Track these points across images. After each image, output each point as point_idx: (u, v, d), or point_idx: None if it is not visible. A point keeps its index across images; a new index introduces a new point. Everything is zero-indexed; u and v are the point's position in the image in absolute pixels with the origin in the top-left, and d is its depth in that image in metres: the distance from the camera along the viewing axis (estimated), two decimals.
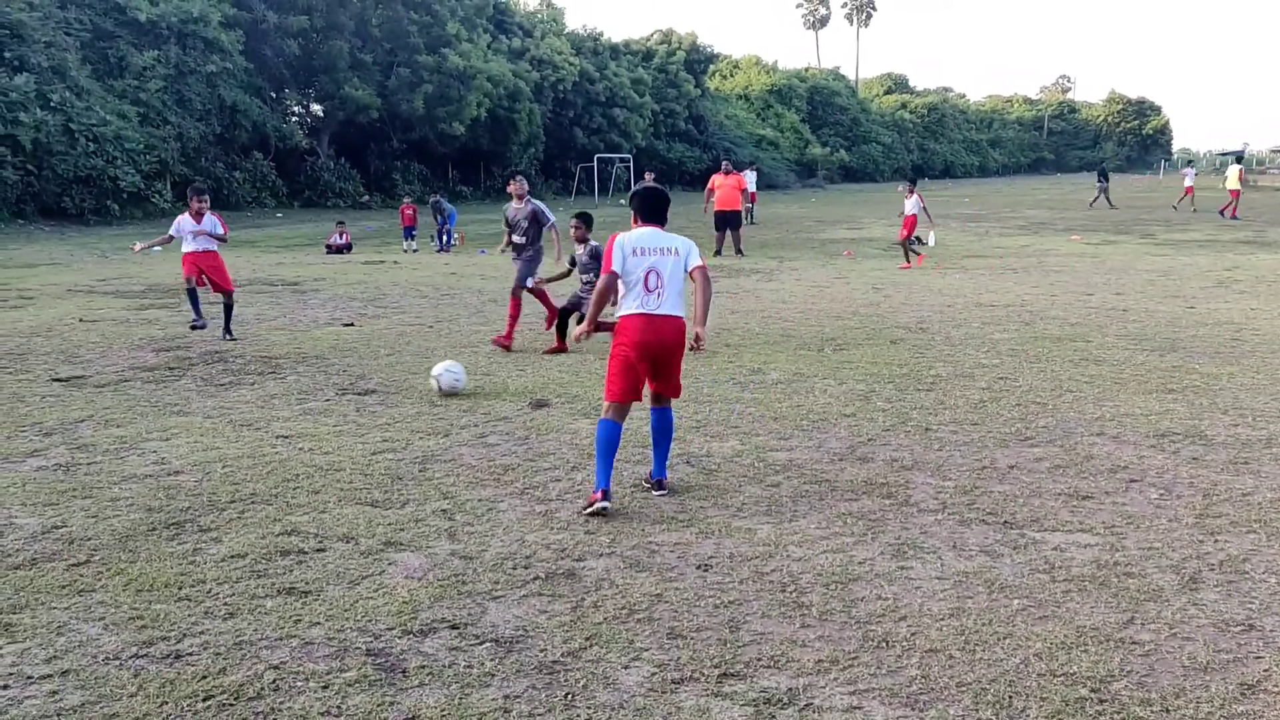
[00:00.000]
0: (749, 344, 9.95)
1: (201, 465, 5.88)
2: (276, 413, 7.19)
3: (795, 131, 75.69)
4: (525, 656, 3.60)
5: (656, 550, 4.59)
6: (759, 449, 6.21)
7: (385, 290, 14.65)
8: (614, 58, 58.82)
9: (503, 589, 4.19)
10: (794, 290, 14.52)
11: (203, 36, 35.22)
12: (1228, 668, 3.44)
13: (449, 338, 10.41)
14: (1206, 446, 6.16)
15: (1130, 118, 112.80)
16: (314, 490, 5.44)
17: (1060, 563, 4.37)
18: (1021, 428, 6.65)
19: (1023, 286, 14.66)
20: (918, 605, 3.97)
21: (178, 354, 9.45)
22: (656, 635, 3.75)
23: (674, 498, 5.32)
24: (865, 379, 8.21)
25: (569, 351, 9.46)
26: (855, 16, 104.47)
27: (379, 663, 3.56)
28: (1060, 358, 9.03)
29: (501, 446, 6.32)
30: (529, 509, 5.17)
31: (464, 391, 7.69)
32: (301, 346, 9.85)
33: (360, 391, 7.88)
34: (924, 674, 3.43)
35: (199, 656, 3.60)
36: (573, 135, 54.54)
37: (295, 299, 13.63)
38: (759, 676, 3.44)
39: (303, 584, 4.24)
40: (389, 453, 6.17)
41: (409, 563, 4.46)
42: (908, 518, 4.97)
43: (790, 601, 4.02)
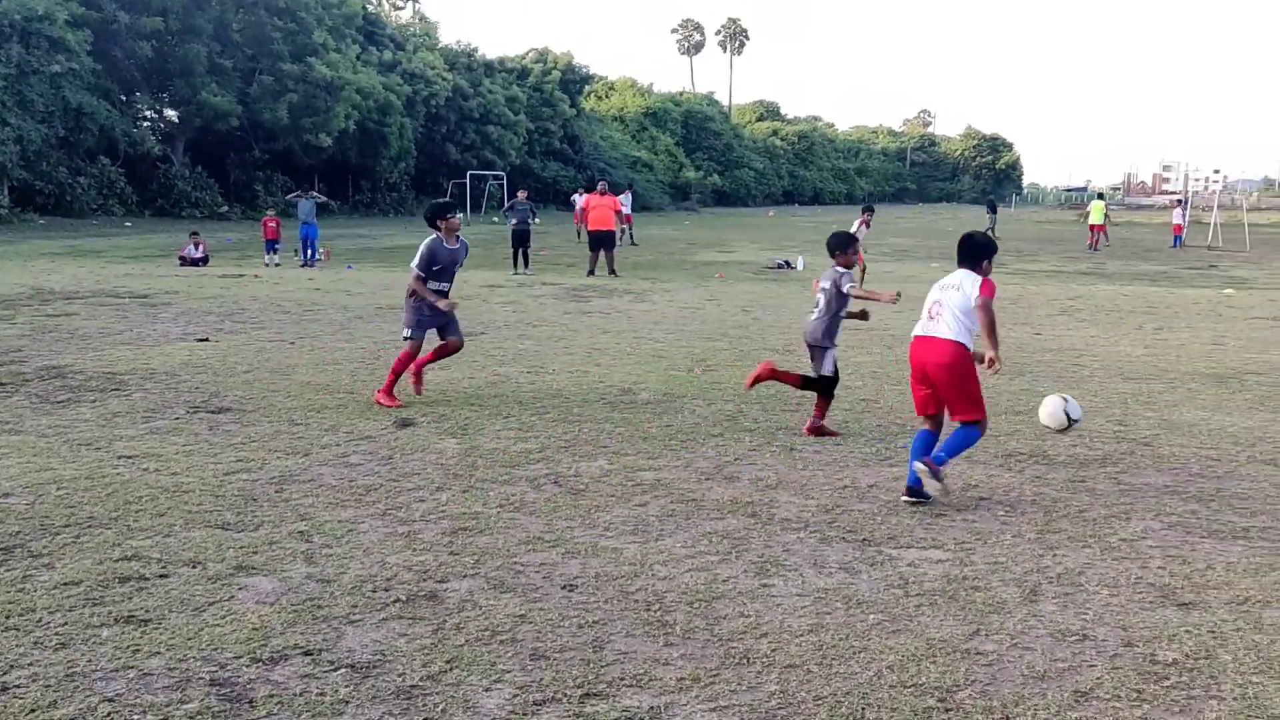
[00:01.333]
0: (620, 364, 9.98)
1: (34, 487, 5.52)
2: (120, 432, 6.83)
3: (670, 154, 76.84)
4: (382, 682, 3.50)
5: (521, 571, 4.54)
6: (627, 468, 6.22)
7: (244, 305, 14.13)
8: (488, 74, 58.57)
9: (361, 613, 4.06)
10: (666, 311, 14.66)
11: (47, 35, 33.49)
12: (1063, 676, 3.61)
13: (311, 355, 10.10)
14: (1048, 466, 6.48)
15: (985, 153, 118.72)
16: (158, 513, 5.18)
17: (914, 578, 4.51)
18: (882, 448, 6.85)
19: (887, 310, 15.15)
20: (779, 622, 4.03)
21: (10, 369, 8.89)
22: (519, 657, 3.70)
23: (540, 518, 5.27)
24: (733, 400, 8.33)
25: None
26: (729, 44, 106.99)
27: (223, 693, 3.40)
28: None
29: (364, 466, 6.16)
30: (391, 530, 5.04)
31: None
32: (150, 363, 9.40)
33: (214, 410, 7.56)
34: (782, 689, 3.48)
35: (27, 689, 3.36)
36: (445, 151, 53.98)
37: (144, 312, 13.01)
38: (621, 696, 3.42)
39: (143, 612, 4.01)
40: (243, 473, 5.93)
41: (260, 587, 4.28)
42: (771, 536, 5.05)
43: (654, 620, 4.03)
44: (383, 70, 48.74)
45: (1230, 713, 3.37)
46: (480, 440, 6.84)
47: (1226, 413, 8.14)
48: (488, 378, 9.10)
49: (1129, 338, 12.63)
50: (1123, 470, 6.38)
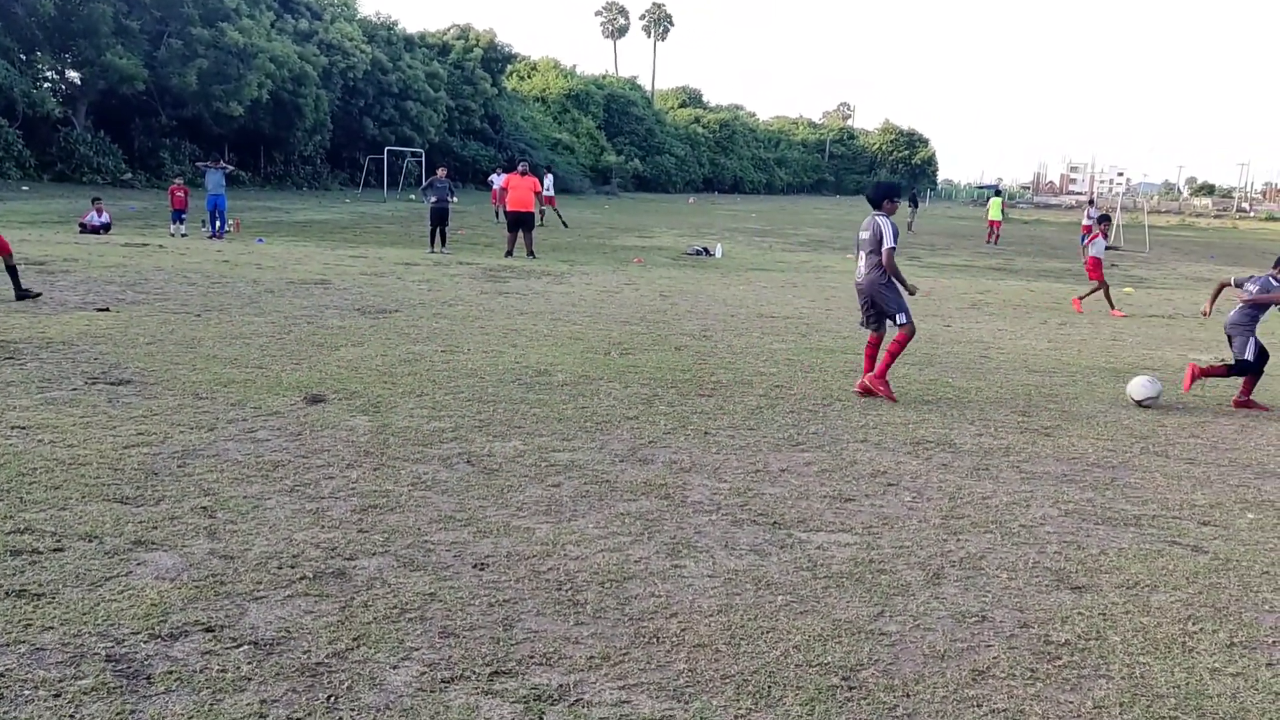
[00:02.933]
0: (536, 345, 9.93)
1: None
2: (13, 401, 6.56)
3: (591, 138, 76.49)
4: (287, 659, 3.43)
5: (432, 549, 4.50)
6: (542, 449, 6.20)
7: (148, 275, 13.67)
8: (408, 49, 57.50)
9: (266, 589, 3.98)
10: (584, 294, 14.63)
11: None
12: (962, 655, 3.72)
13: (217, 327, 9.83)
14: (955, 454, 6.65)
15: (902, 147, 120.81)
16: (53, 486, 4.99)
17: (822, 560, 4.60)
18: (794, 434, 6.96)
19: (801, 300, 15.38)
20: (689, 602, 4.07)
21: None
22: (428, 634, 3.66)
23: (452, 497, 5.23)
24: (649, 383, 8.36)
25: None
26: (653, 29, 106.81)
27: (120, 669, 3.30)
28: (832, 368, 9.52)
29: (271, 442, 6.02)
30: (299, 507, 4.94)
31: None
32: (46, 331, 9.04)
33: (113, 381, 7.31)
34: (691, 668, 3.51)
35: None
36: (363, 125, 52.89)
37: (41, 280, 12.50)
38: (530, 674, 3.42)
39: (35, 586, 3.87)
40: (144, 447, 5.75)
41: (160, 563, 4.16)
42: (684, 518, 5.09)
43: (565, 600, 4.03)
44: (298, 40, 47.45)
45: (1118, 691, 3.52)
46: (392, 418, 6.74)
47: (1123, 406, 8.46)
48: (401, 355, 8.97)
49: (1034, 332, 13.03)
50: (1025, 459, 6.58)
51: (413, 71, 55.29)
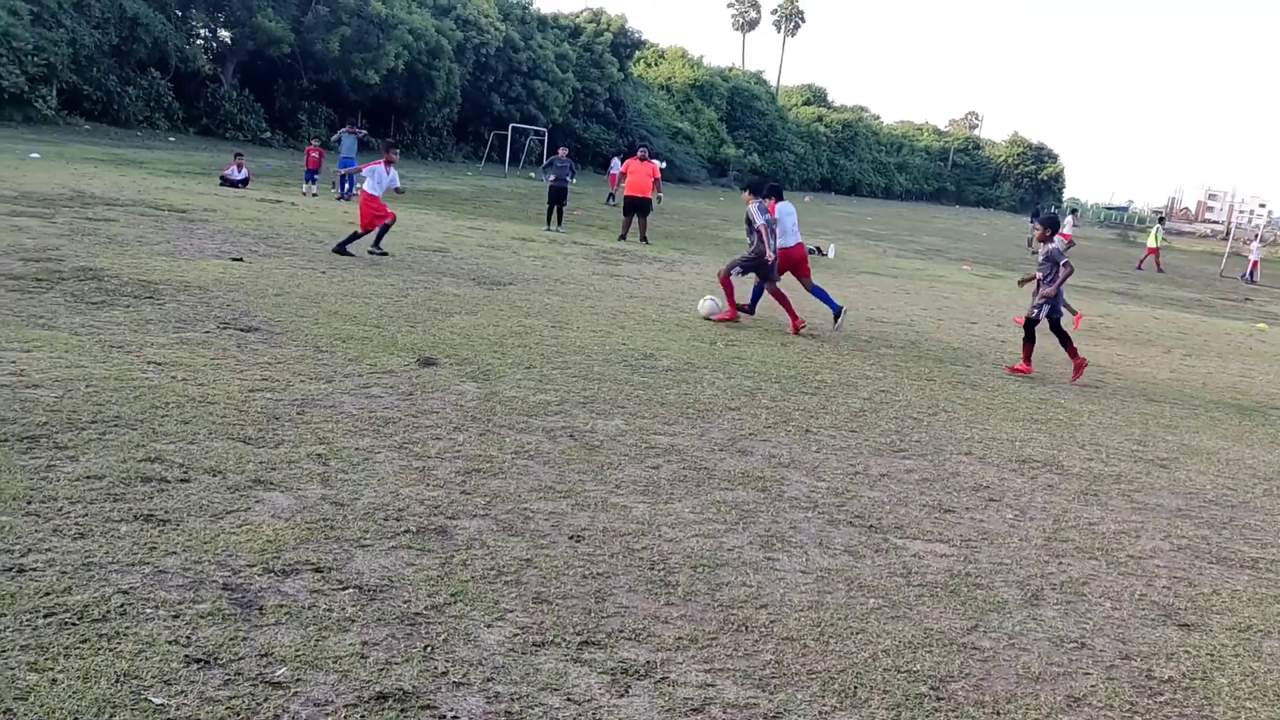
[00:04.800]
0: (643, 329, 10.01)
1: (63, 382, 5.61)
2: (151, 338, 6.92)
3: (712, 129, 76.30)
4: (388, 606, 3.57)
5: (531, 517, 4.60)
6: (643, 431, 6.27)
7: (279, 230, 14.21)
8: (541, 29, 58.24)
9: (371, 538, 4.13)
10: (694, 283, 14.65)
11: None
12: (1057, 680, 3.64)
13: (340, 285, 10.17)
14: (1062, 476, 6.48)
15: (1029, 161, 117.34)
16: (184, 420, 5.26)
17: (917, 569, 4.54)
18: (896, 440, 6.87)
19: (913, 307, 15.11)
20: (779, 595, 4.07)
21: (47, 265, 8.99)
22: (522, 598, 3.76)
23: (553, 468, 5.33)
24: (753, 376, 8.35)
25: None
26: (784, 24, 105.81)
27: (235, 598, 3.48)
28: (940, 378, 9.35)
29: (384, 399, 6.22)
30: (406, 463, 5.11)
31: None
32: (184, 275, 9.49)
33: (243, 328, 7.64)
34: (778, 659, 3.53)
35: (43, 573, 3.45)
36: (490, 101, 53.81)
37: (182, 227, 13.11)
38: (619, 647, 3.48)
39: (162, 512, 4.10)
40: (267, 392, 6.01)
41: (276, 502, 4.36)
42: (779, 512, 5.09)
43: (657, 579, 4.08)
44: (437, 14, 48.54)
45: None
46: (500, 387, 6.89)
47: (1247, 444, 8.11)
48: (512, 327, 9.14)
49: (1155, 360, 12.55)
50: (1137, 489, 6.37)
51: (543, 51, 56.00)
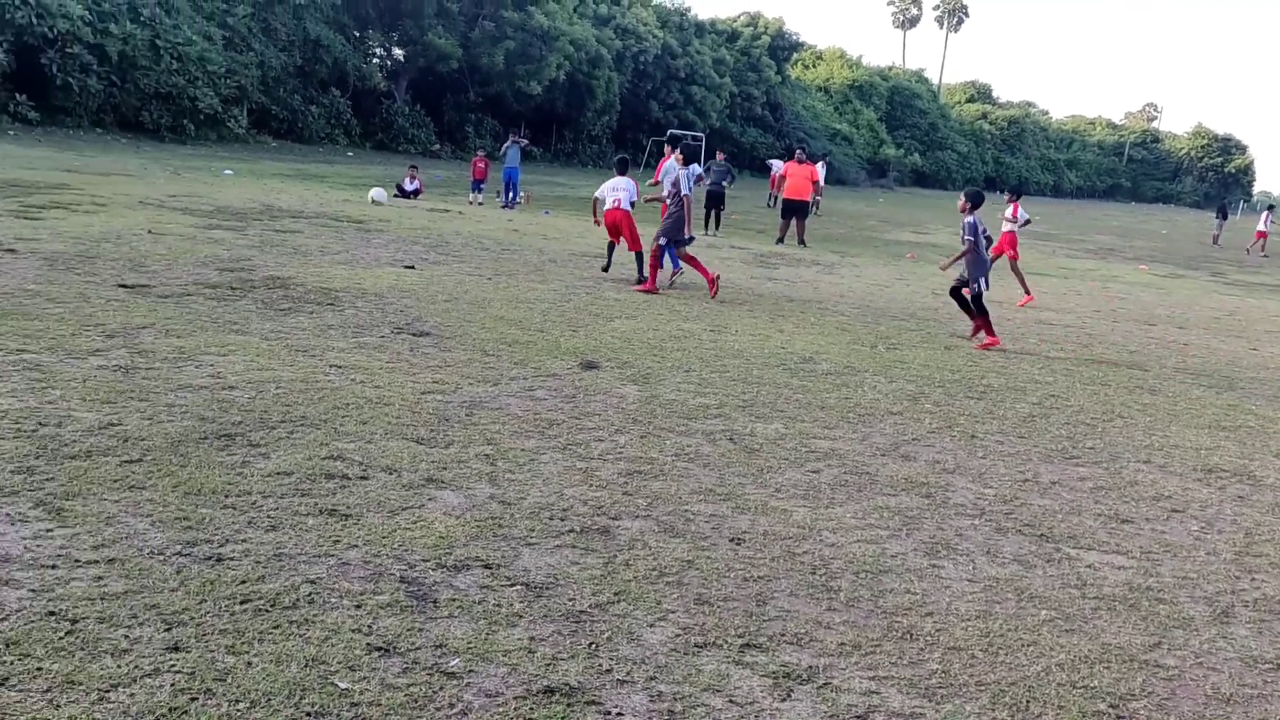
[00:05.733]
0: (802, 332, 9.92)
1: (256, 384, 6.01)
2: (332, 343, 7.32)
3: (871, 130, 74.88)
4: (554, 603, 3.67)
5: (692, 519, 4.63)
6: (803, 435, 6.22)
7: (448, 239, 14.77)
8: (698, 35, 58.50)
9: (537, 537, 4.26)
10: (853, 286, 14.43)
11: None
12: (1251, 703, 3.42)
13: (506, 291, 10.50)
14: (1254, 487, 6.06)
15: (1214, 154, 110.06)
16: (362, 420, 5.54)
17: (1092, 580, 4.34)
18: (1068, 446, 6.58)
19: (1085, 309, 14.43)
20: (946, 604, 3.97)
21: (240, 275, 9.63)
22: (684, 599, 3.79)
23: (713, 471, 5.35)
24: (916, 380, 8.16)
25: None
26: (946, 20, 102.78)
27: (411, 590, 3.65)
28: (1115, 383, 8.90)
29: (548, 401, 6.39)
30: (570, 464, 5.23)
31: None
32: (362, 283, 10.00)
33: (415, 333, 7.99)
34: (945, 669, 3.44)
35: (240, 562, 3.70)
36: (648, 108, 54.40)
37: (359, 237, 13.81)
38: (781, 651, 3.47)
39: (344, 507, 4.33)
40: (438, 394, 6.27)
41: (448, 500, 4.54)
42: (944, 519, 4.96)
43: (819, 584, 4.05)
44: (597, 23, 49.46)
45: None
46: (660, 390, 6.97)
47: None
48: (671, 331, 9.22)
49: None
50: None
51: (700, 57, 56.26)
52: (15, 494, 4.05)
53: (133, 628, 3.16)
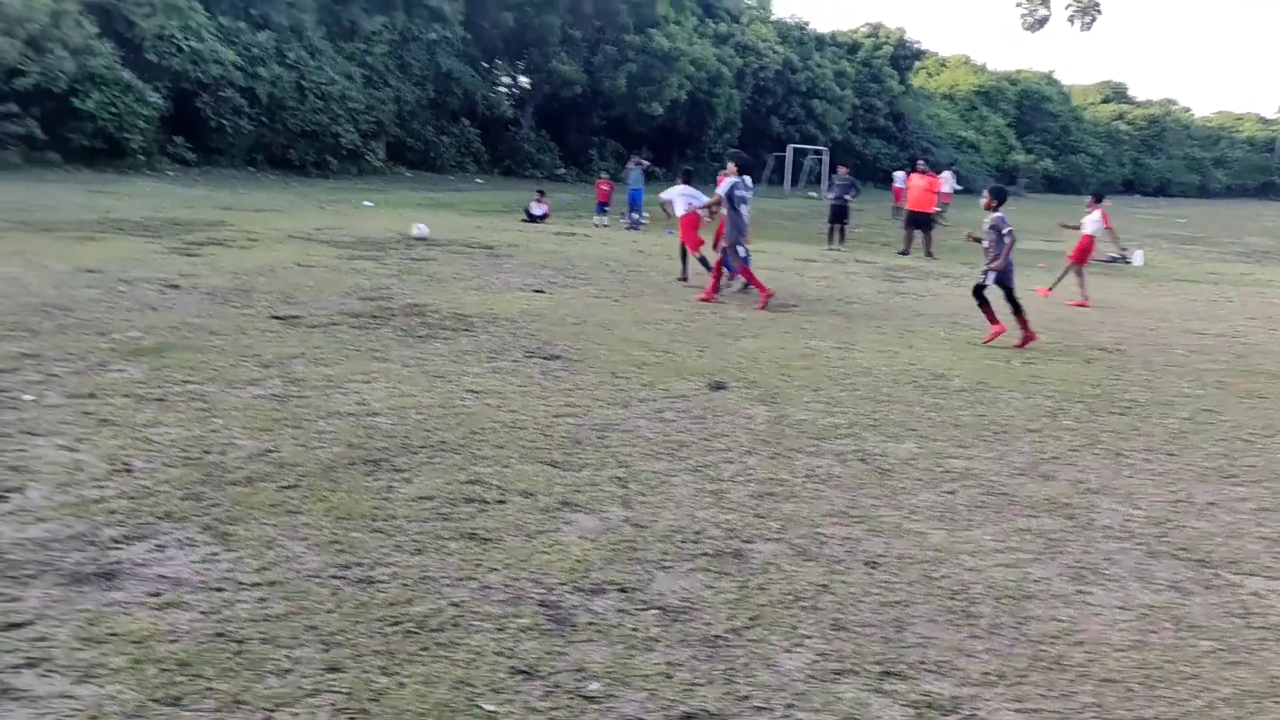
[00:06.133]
0: (932, 348, 9.72)
1: (398, 410, 6.24)
2: (467, 368, 7.54)
3: (999, 135, 72.82)
4: (690, 627, 3.69)
5: (825, 542, 4.60)
6: (936, 454, 6.09)
7: (575, 261, 15.03)
8: (818, 48, 58.11)
9: (671, 560, 4.29)
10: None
11: (428, 5, 36.93)
12: None
13: (633, 312, 10.62)
14: None
15: None
16: (498, 445, 5.69)
17: (1257, 609, 4.12)
18: (1225, 464, 6.25)
19: (1238, 317, 13.68)
20: (1095, 632, 3.83)
21: (381, 303, 10.03)
22: (820, 625, 3.77)
23: (845, 492, 5.29)
24: (1054, 395, 7.89)
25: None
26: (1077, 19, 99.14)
27: (550, 614, 3.73)
28: (1275, 395, 8.41)
29: (678, 423, 6.43)
30: (701, 486, 5.26)
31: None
32: (494, 308, 10.27)
33: (546, 356, 8.16)
34: (1099, 703, 3.32)
35: (389, 585, 3.86)
36: (769, 123, 54.24)
37: (490, 263, 14.18)
38: (922, 679, 3.41)
39: (484, 531, 4.46)
40: (570, 417, 6.39)
41: (583, 523, 4.63)
42: (1091, 542, 4.78)
43: (959, 610, 3.96)
44: (717, 42, 49.68)
45: None
46: (789, 410, 6.93)
47: None
48: (798, 349, 9.17)
49: None
50: None
51: (821, 70, 55.85)
52: (185, 519, 4.32)
53: (294, 648, 3.33)
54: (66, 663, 3.16)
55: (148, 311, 8.79)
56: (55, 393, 6.08)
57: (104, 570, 3.80)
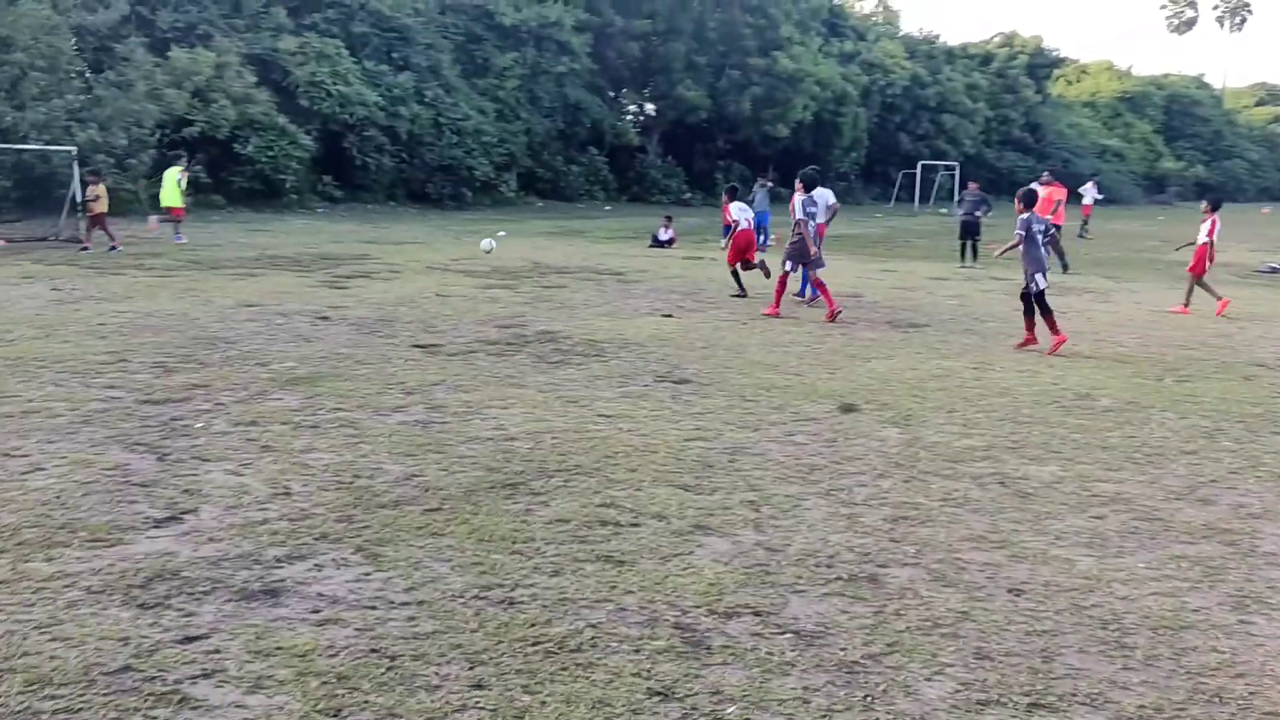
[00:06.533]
0: (1076, 366, 9.38)
1: (534, 434, 6.42)
2: (599, 393, 7.69)
3: (1145, 142, 69.75)
4: (825, 652, 3.68)
5: (964, 568, 4.50)
6: (1082, 477, 5.89)
7: (703, 285, 15.11)
8: (949, 61, 56.96)
9: (805, 584, 4.28)
10: (1131, 313, 13.48)
11: (556, 39, 37.88)
12: None
13: (762, 335, 10.62)
14: None
15: None
16: (631, 468, 5.79)
17: None
18: None
19: None
20: (1259, 664, 3.64)
21: (515, 331, 10.31)
22: (961, 653, 3.70)
23: (984, 517, 5.17)
24: (1211, 415, 7.52)
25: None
26: (1226, 19, 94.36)
27: (686, 636, 3.77)
28: None
29: (809, 446, 6.40)
30: (833, 510, 5.22)
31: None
32: (624, 333, 10.43)
33: (676, 380, 8.24)
34: None
35: (529, 606, 3.97)
36: (897, 140, 53.37)
37: (619, 288, 14.40)
38: (1073, 712, 3.31)
39: (619, 554, 4.54)
40: (701, 441, 6.43)
41: (715, 546, 4.66)
42: (1254, 569, 4.54)
43: (1111, 640, 3.82)
44: (842, 61, 49.27)
45: None
46: (923, 432, 6.82)
47: None
48: (931, 370, 8.99)
49: None
50: None
51: (951, 84, 54.69)
52: (339, 540, 4.55)
53: (441, 665, 3.47)
54: (238, 674, 3.38)
55: (301, 343, 9.29)
56: (222, 420, 6.50)
57: (269, 588, 4.04)
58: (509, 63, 36.63)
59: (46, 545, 4.38)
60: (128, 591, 3.95)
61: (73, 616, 3.73)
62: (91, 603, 3.85)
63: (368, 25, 32.85)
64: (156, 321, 10.15)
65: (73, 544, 4.40)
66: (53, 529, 4.56)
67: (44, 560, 4.23)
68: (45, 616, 3.72)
